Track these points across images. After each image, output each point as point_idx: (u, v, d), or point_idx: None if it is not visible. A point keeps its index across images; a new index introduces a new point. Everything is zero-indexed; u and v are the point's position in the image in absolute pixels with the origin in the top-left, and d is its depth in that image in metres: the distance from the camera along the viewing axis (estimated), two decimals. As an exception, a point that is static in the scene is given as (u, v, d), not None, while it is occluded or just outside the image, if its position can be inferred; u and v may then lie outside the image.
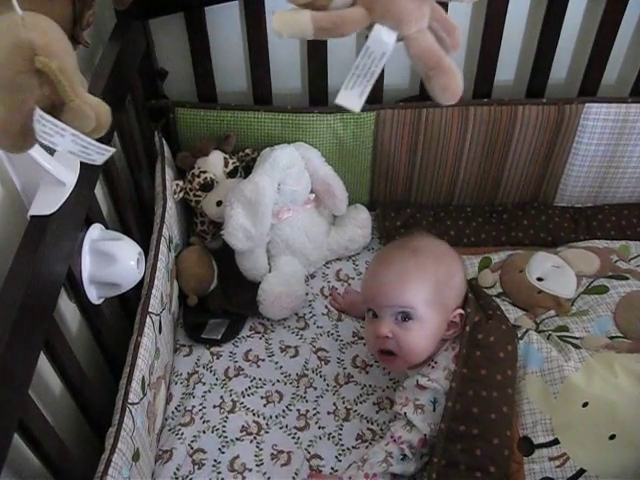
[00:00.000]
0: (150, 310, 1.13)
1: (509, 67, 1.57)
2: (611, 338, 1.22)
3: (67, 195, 0.92)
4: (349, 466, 1.15)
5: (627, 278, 1.34)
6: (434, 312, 1.14)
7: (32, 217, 0.89)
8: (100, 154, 0.78)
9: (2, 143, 0.74)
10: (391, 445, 1.11)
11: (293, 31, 0.86)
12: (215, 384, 1.29)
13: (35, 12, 0.72)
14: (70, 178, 0.94)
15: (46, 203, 0.90)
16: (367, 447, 1.18)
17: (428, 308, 1.14)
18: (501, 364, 1.10)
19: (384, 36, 0.86)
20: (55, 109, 0.72)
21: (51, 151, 0.94)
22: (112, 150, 0.78)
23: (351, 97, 0.87)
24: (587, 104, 1.46)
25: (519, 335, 1.17)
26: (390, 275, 1.17)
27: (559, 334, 1.23)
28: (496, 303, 1.25)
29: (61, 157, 0.95)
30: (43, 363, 0.92)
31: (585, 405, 1.07)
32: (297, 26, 0.85)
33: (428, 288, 1.15)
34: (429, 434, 1.10)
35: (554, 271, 1.39)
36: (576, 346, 1.17)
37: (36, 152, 0.88)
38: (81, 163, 0.97)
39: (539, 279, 1.37)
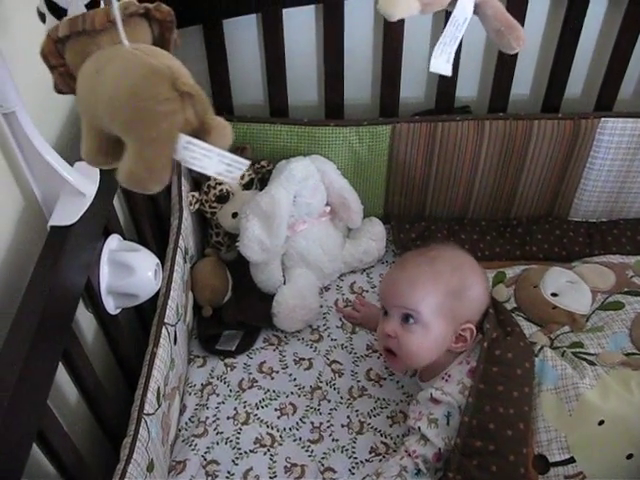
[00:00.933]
0: (166, 321, 1.13)
1: (525, 82, 1.57)
2: (627, 355, 1.21)
3: (87, 206, 0.93)
4: (363, 479, 1.14)
5: (643, 294, 1.33)
6: (440, 321, 1.14)
7: (52, 227, 0.90)
8: (239, 169, 0.73)
9: (146, 184, 0.66)
10: (406, 459, 1.10)
11: (402, 9, 0.94)
12: (229, 395, 1.29)
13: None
14: (90, 189, 0.95)
15: (66, 214, 0.91)
16: (381, 460, 1.18)
17: (434, 316, 1.14)
18: (518, 381, 1.10)
19: (467, 3, 1.01)
20: (194, 132, 0.67)
21: (71, 162, 0.95)
22: (247, 163, 0.73)
23: (441, 64, 1.01)
24: (603, 119, 1.46)
25: (535, 352, 1.16)
26: (402, 277, 1.19)
27: (574, 350, 1.22)
28: (515, 319, 1.24)
29: (81, 168, 0.97)
30: (61, 373, 0.92)
31: (601, 423, 1.06)
32: (405, 4, 0.94)
33: (437, 296, 1.15)
34: (443, 448, 1.09)
35: (569, 287, 1.38)
36: (591, 363, 1.16)
37: (56, 162, 0.90)
38: (100, 174, 0.98)
39: (554, 294, 1.37)
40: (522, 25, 1.39)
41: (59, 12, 0.76)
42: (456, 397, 1.11)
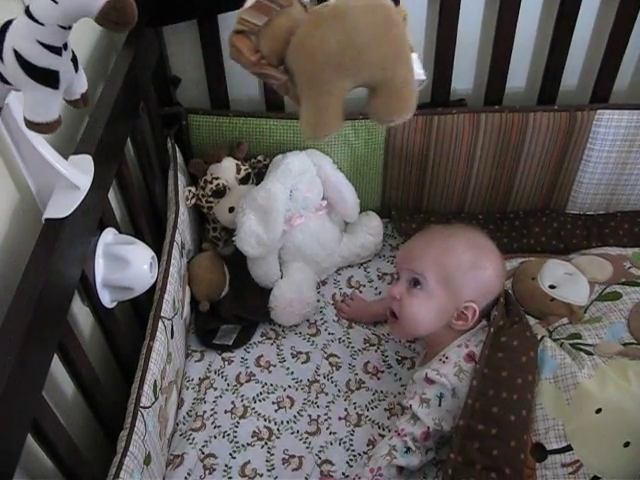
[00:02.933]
0: (162, 315, 1.13)
1: (520, 74, 1.57)
2: (624, 345, 1.21)
3: (81, 199, 0.93)
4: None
5: (640, 284, 1.33)
6: (444, 291, 1.17)
7: (47, 220, 0.90)
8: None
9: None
10: (395, 438, 1.12)
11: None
12: (226, 389, 1.29)
13: None
14: (84, 182, 0.95)
15: (60, 207, 0.91)
16: (377, 451, 1.19)
17: (439, 285, 1.17)
18: (523, 368, 1.11)
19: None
20: None
21: (65, 155, 0.95)
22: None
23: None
24: (599, 111, 1.46)
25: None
26: (419, 243, 1.25)
27: (572, 342, 1.22)
28: (522, 312, 1.25)
29: (75, 161, 0.97)
30: (56, 366, 0.93)
31: (599, 411, 1.06)
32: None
33: (446, 267, 1.17)
34: (432, 428, 1.11)
35: (566, 278, 1.38)
36: (589, 353, 1.16)
37: (51, 156, 0.90)
38: (95, 167, 0.98)
39: (551, 286, 1.37)
40: (516, 17, 1.41)
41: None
42: (451, 379, 1.12)
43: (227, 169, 1.44)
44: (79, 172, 0.94)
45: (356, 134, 1.48)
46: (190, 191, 1.41)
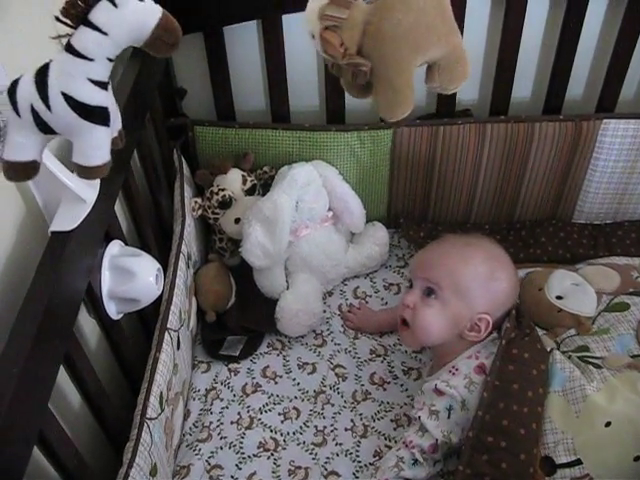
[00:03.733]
0: (168, 326, 1.13)
1: (526, 84, 1.57)
2: (633, 357, 1.20)
3: (87, 212, 0.93)
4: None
5: (649, 295, 1.33)
6: (459, 302, 1.16)
7: (53, 233, 0.90)
8: None
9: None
10: (402, 450, 1.11)
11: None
12: (233, 400, 1.29)
13: None
14: (90, 195, 0.95)
15: (67, 219, 0.92)
16: (384, 463, 1.18)
17: (454, 295, 1.16)
18: (534, 381, 1.10)
19: None
20: None
21: (71, 168, 0.96)
22: None
23: None
24: (605, 120, 1.46)
25: None
26: (435, 252, 1.24)
27: (579, 355, 1.22)
28: (534, 324, 1.25)
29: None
30: (63, 378, 0.93)
31: (608, 425, 1.05)
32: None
33: (462, 278, 1.17)
34: (440, 440, 1.10)
35: (574, 289, 1.38)
36: (597, 366, 1.15)
37: (57, 169, 0.90)
38: (101, 180, 0.98)
39: (559, 297, 1.36)
40: (521, 26, 1.41)
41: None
42: (460, 391, 1.12)
43: (233, 180, 1.45)
44: (85, 185, 0.95)
45: (362, 145, 1.48)
46: (196, 202, 1.42)
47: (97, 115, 0.72)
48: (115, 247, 1.07)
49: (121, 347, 1.11)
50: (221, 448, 1.21)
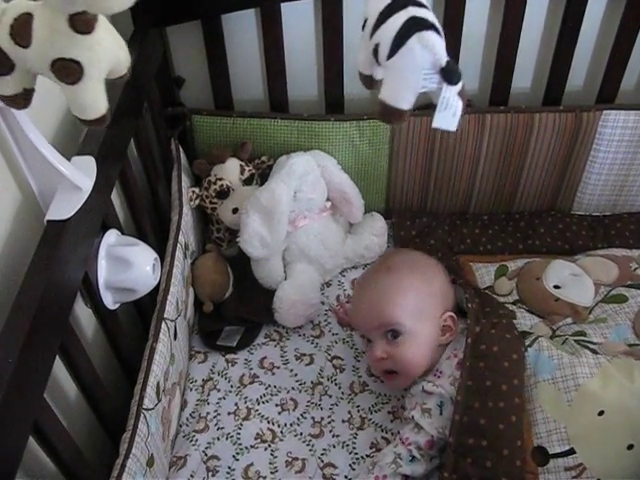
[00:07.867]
0: (165, 316, 1.13)
1: (526, 74, 1.56)
2: (630, 346, 1.20)
3: (84, 200, 0.93)
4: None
5: (647, 287, 1.32)
6: (422, 322, 1.16)
7: (49, 222, 0.90)
8: None
9: None
10: (400, 447, 1.11)
11: None
12: (230, 391, 1.29)
13: None
14: (86, 183, 0.94)
15: (63, 208, 0.91)
16: (380, 455, 1.18)
17: (414, 320, 1.16)
18: (506, 374, 1.09)
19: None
20: None
21: (67, 156, 0.95)
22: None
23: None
24: (605, 111, 1.45)
25: (528, 343, 1.14)
26: (369, 298, 1.21)
27: (576, 338, 1.22)
28: (506, 310, 1.24)
29: (77, 162, 0.96)
30: (59, 368, 0.92)
31: (601, 414, 1.05)
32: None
33: (409, 301, 1.17)
34: (436, 436, 1.10)
35: (572, 279, 1.38)
36: (593, 351, 1.15)
37: (53, 157, 0.89)
38: (97, 168, 0.97)
39: (556, 287, 1.36)
40: (522, 16, 1.40)
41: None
42: (447, 388, 1.12)
43: (231, 170, 1.44)
44: (82, 173, 0.94)
45: (361, 135, 1.47)
46: (194, 192, 1.41)
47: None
48: (112, 236, 1.07)
49: (117, 337, 1.11)
50: (218, 439, 1.21)
